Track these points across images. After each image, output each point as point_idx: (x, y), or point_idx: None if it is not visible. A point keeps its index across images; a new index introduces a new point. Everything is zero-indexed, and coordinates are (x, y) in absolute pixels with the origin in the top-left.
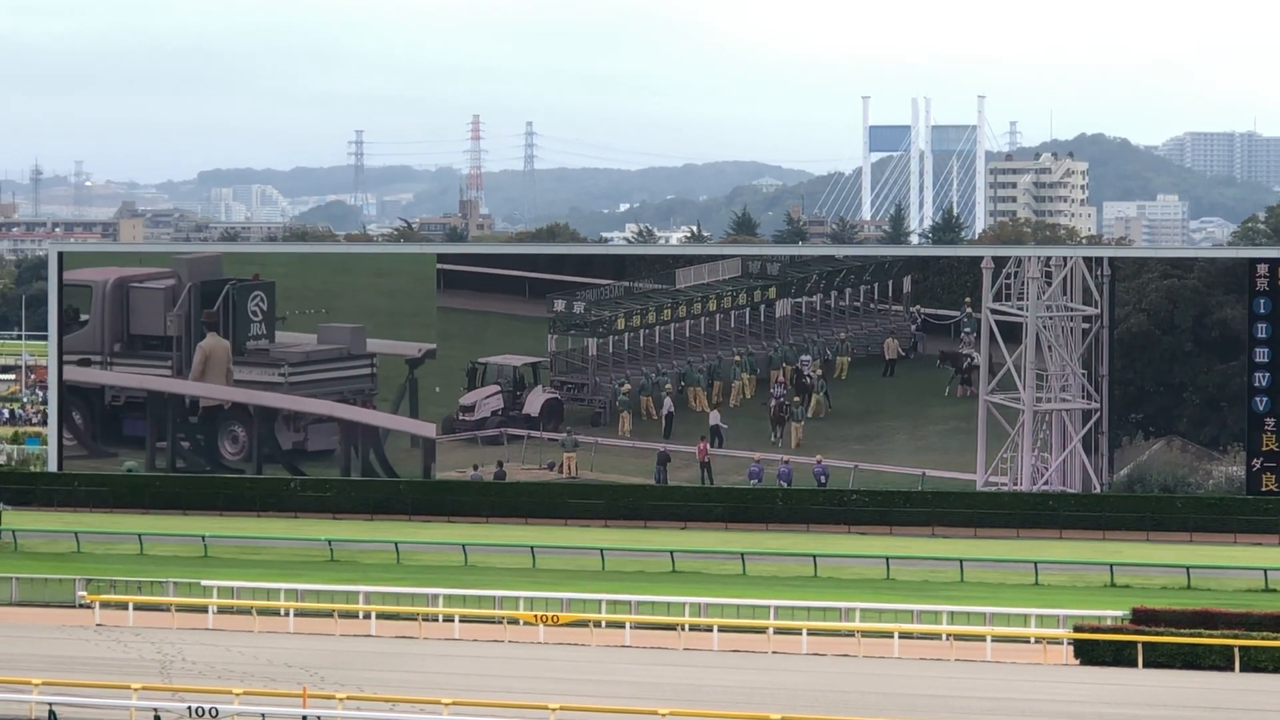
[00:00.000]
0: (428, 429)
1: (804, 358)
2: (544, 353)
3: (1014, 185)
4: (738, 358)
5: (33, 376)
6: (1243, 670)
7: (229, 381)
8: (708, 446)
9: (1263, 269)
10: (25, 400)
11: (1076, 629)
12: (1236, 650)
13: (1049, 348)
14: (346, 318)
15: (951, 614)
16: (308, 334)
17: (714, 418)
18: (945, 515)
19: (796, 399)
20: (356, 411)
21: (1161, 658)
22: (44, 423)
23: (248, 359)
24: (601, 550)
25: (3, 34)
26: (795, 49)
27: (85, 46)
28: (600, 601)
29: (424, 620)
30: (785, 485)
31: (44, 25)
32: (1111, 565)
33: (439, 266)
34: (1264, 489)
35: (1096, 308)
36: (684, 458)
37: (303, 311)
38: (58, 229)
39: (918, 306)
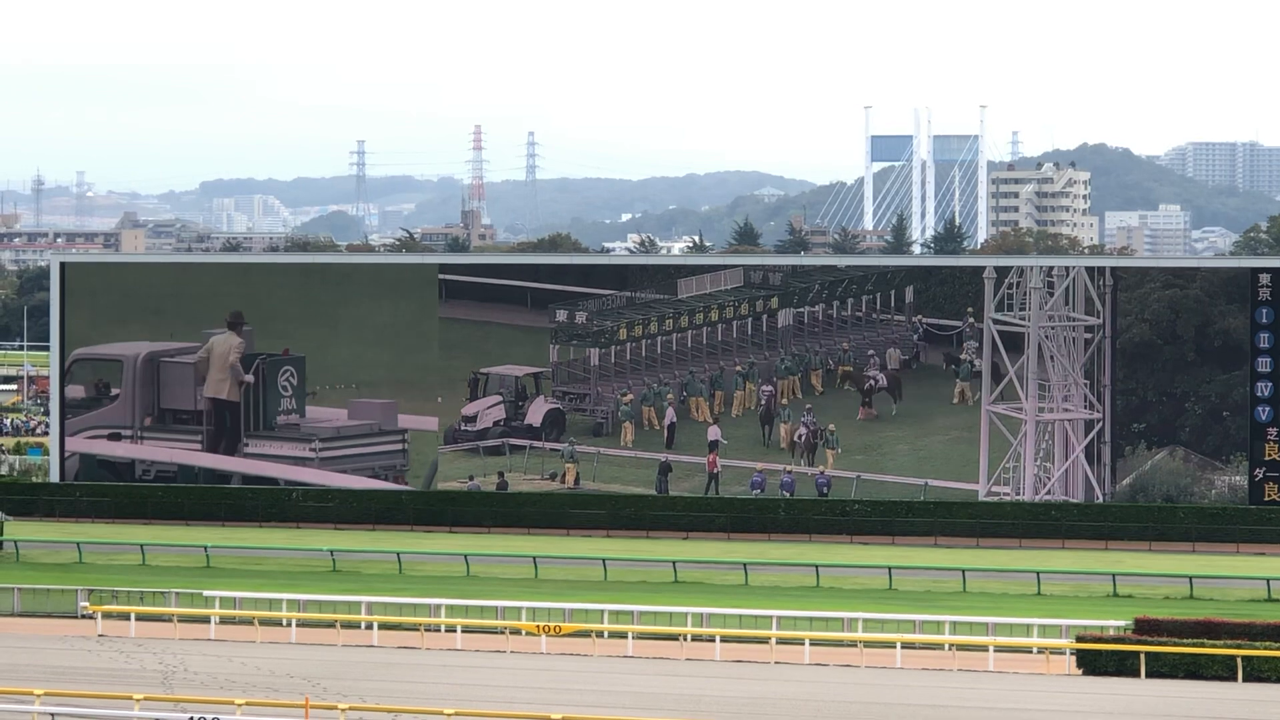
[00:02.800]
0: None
1: (872, 357)
2: (546, 363)
3: (1016, 195)
4: (739, 368)
5: (34, 387)
6: (1245, 680)
7: (233, 382)
8: (718, 458)
9: (1265, 279)
10: (27, 410)
11: (1079, 639)
12: (1239, 660)
13: (1051, 357)
14: (348, 333)
15: (954, 624)
16: (338, 409)
17: (713, 432)
18: (948, 525)
19: (831, 427)
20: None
21: (1164, 668)
22: (45, 433)
23: (278, 433)
24: (604, 560)
25: (5, 44)
26: (796, 58)
27: (87, 57)
28: (602, 612)
29: (426, 630)
30: (788, 495)
31: (46, 35)
32: (1114, 575)
33: (441, 277)
34: (1267, 499)
35: (1099, 317)
36: (686, 468)
37: (333, 386)
38: (59, 239)
39: (920, 316)
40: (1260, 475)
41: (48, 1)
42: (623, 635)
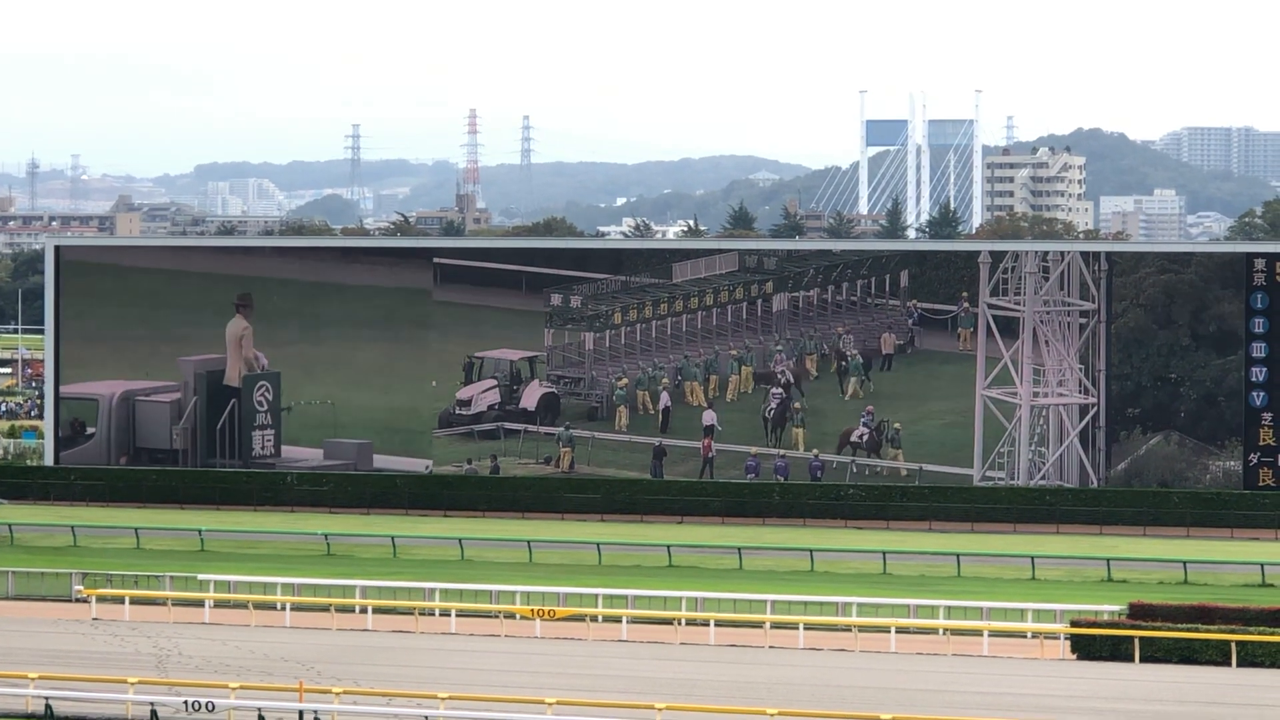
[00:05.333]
0: None
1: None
2: (541, 347)
3: (1011, 180)
4: (734, 352)
5: (29, 371)
6: (1239, 665)
7: (250, 364)
8: (712, 442)
9: (1260, 263)
10: (22, 394)
11: (1073, 624)
12: (1233, 645)
13: (1046, 342)
14: (340, 316)
15: (948, 609)
16: (313, 449)
17: (708, 417)
18: (942, 510)
19: (896, 425)
20: None
21: (1158, 653)
22: (40, 416)
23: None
24: (598, 545)
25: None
26: (791, 42)
27: (82, 40)
28: (597, 596)
29: (421, 615)
30: (782, 480)
31: (40, 19)
32: (1108, 560)
33: (436, 261)
34: (1261, 484)
35: (1094, 302)
36: (681, 452)
37: (309, 402)
38: (54, 222)
39: (915, 301)
40: (1255, 460)
41: None
42: (617, 619)
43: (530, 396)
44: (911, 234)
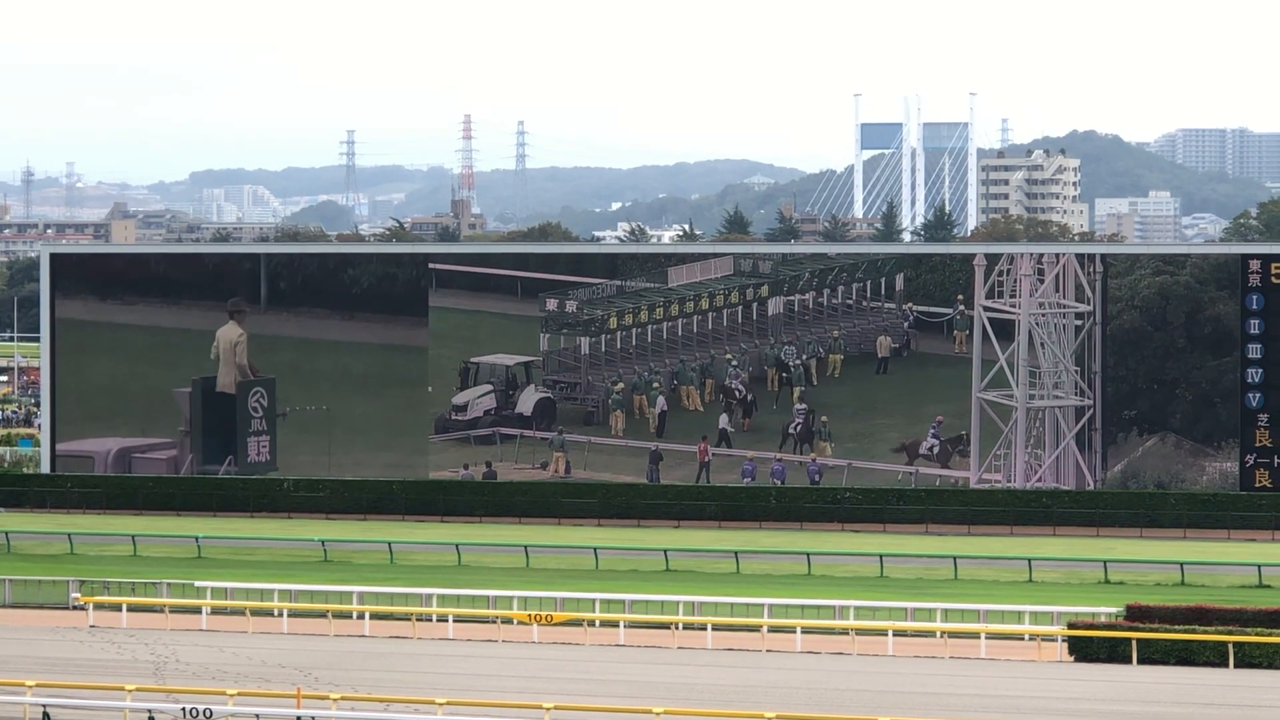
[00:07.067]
0: None
1: (788, 348)
2: (536, 352)
3: (1006, 182)
4: (730, 356)
5: (25, 378)
6: (1237, 666)
7: (244, 371)
8: (709, 447)
9: (1255, 265)
10: (18, 402)
11: (1071, 626)
12: (1230, 646)
13: (1042, 345)
14: (337, 315)
15: (946, 611)
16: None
17: (722, 420)
18: (939, 513)
19: (824, 418)
20: None
21: (1155, 654)
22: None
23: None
24: (595, 549)
25: None
26: (785, 46)
27: (76, 48)
28: (594, 601)
29: (418, 620)
30: (779, 483)
31: (35, 26)
32: (1105, 562)
33: (431, 266)
34: (1257, 485)
35: (1089, 304)
36: (677, 456)
37: (303, 408)
38: (49, 230)
39: (910, 304)
40: (1251, 461)
41: None
42: (614, 624)
43: (526, 401)
44: (907, 237)
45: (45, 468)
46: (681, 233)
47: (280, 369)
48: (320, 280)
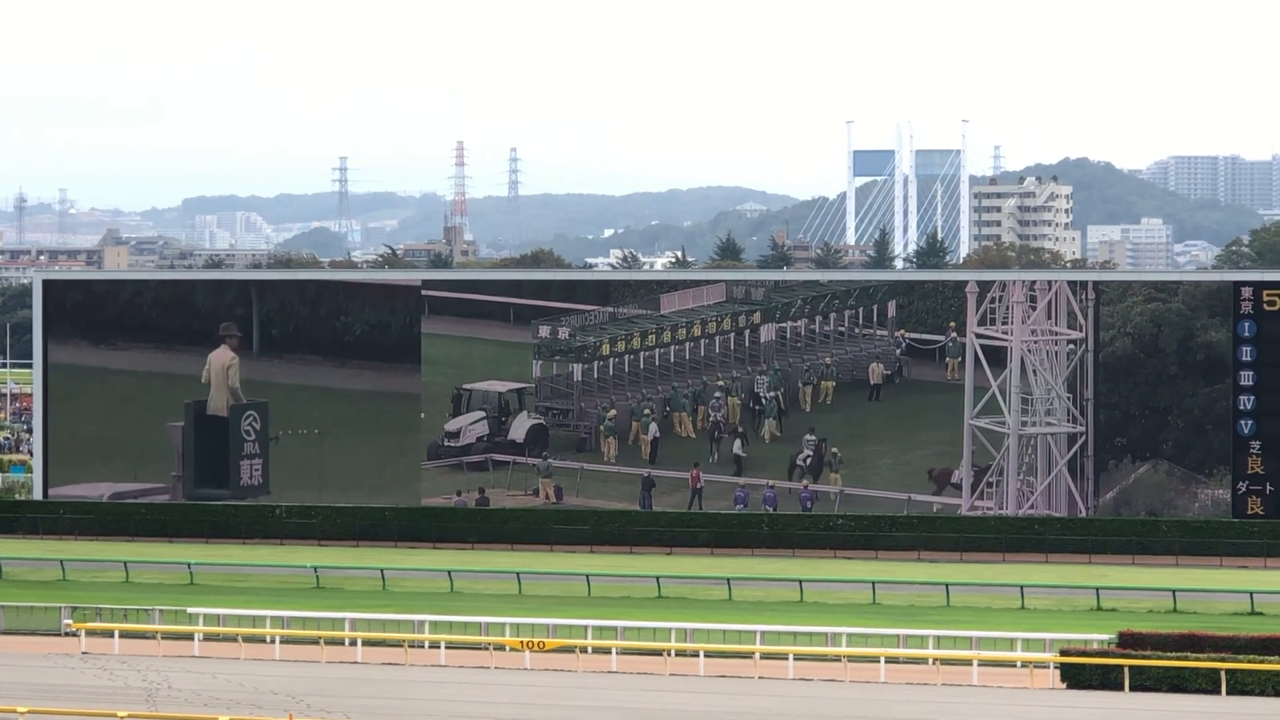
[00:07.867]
0: None
1: (760, 377)
2: (529, 378)
3: (998, 209)
4: (722, 383)
5: (17, 404)
6: (1229, 693)
7: (236, 395)
8: (700, 473)
9: (1247, 292)
10: (9, 428)
11: (1063, 652)
12: (1223, 673)
13: (1034, 372)
14: (330, 349)
15: (938, 638)
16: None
17: (736, 446)
18: (931, 540)
19: (834, 450)
20: None
21: (1148, 681)
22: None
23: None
24: (587, 576)
25: None
26: (778, 73)
27: (69, 73)
28: (586, 627)
29: (410, 647)
30: (771, 510)
31: (28, 54)
32: (1098, 589)
33: (424, 293)
34: (1249, 512)
35: (1081, 331)
36: (669, 483)
37: (295, 431)
38: (42, 257)
39: (902, 331)
40: (1243, 489)
41: (30, 19)
42: (607, 650)
43: (519, 428)
44: (899, 264)
45: (37, 494)
46: (674, 259)
47: (272, 414)
48: (313, 327)
